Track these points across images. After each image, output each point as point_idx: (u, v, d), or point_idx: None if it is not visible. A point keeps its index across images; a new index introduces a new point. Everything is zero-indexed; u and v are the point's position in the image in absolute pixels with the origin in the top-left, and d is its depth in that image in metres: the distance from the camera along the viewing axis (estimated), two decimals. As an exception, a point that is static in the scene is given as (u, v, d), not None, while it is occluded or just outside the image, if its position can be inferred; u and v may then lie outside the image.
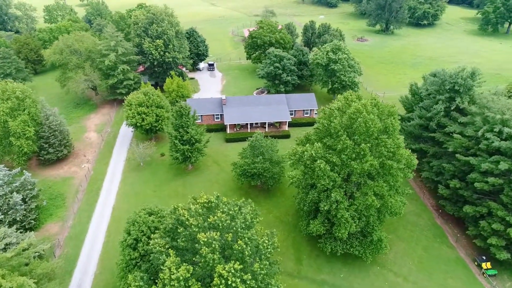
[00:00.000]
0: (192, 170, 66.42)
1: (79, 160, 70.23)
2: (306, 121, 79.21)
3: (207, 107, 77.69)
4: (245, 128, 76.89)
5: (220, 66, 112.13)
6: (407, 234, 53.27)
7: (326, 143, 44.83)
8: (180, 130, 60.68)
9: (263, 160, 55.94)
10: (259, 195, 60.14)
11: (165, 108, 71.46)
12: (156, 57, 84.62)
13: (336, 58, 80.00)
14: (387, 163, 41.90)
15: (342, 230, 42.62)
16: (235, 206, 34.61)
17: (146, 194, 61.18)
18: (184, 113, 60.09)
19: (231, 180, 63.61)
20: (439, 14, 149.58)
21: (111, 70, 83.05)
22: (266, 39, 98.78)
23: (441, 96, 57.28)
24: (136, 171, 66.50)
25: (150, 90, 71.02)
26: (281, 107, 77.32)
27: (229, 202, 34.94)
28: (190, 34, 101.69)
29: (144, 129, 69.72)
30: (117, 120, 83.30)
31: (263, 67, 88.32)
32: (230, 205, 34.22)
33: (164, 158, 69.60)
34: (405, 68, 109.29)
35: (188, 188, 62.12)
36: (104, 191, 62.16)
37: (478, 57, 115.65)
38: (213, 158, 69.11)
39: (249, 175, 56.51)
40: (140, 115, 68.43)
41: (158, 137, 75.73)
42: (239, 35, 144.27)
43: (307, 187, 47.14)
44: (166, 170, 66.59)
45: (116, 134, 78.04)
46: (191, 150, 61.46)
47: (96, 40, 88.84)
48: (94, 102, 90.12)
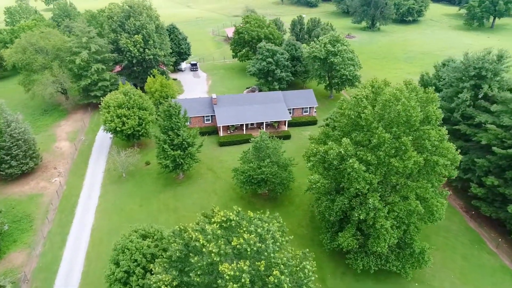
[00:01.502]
0: (183, 179, 57.43)
1: (49, 173, 59.80)
2: (305, 120, 71.80)
3: (195, 108, 68.92)
4: (240, 129, 68.63)
5: (204, 66, 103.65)
6: (440, 241, 46.26)
7: (354, 139, 37.28)
8: (169, 133, 51.78)
9: (270, 163, 47.84)
10: (265, 205, 51.86)
11: (149, 110, 62.29)
12: (135, 55, 75.29)
13: (336, 50, 73.26)
14: (432, 159, 34.71)
15: (382, 243, 34.95)
16: (262, 222, 26.27)
17: (132, 210, 51.74)
18: (173, 113, 51.28)
19: (230, 188, 55.12)
20: (423, 10, 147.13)
21: (83, 70, 73.05)
22: (254, 34, 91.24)
23: (465, 84, 51.09)
24: (117, 184, 56.88)
25: (130, 90, 61.73)
26: (278, 105, 69.60)
27: (255, 217, 26.59)
28: (170, 31, 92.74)
29: (125, 135, 60.26)
30: (92, 126, 73.18)
31: (254, 63, 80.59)
32: (256, 220, 25.86)
33: (150, 167, 60.29)
34: (399, 63, 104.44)
35: (180, 201, 53.14)
36: (80, 209, 52.24)
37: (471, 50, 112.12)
38: (206, 165, 60.38)
39: (255, 182, 48.23)
40: (120, 118, 58.99)
41: (141, 144, 66.30)
42: (220, 34, 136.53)
43: (332, 193, 39.30)
44: (153, 181, 57.31)
45: (92, 142, 68.01)
46: (183, 156, 52.61)
47: (65, 37, 78.47)
48: (65, 107, 79.48)
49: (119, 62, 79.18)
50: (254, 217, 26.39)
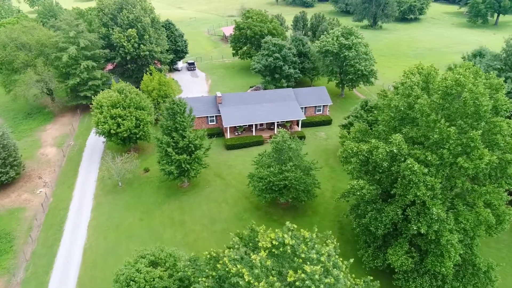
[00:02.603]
0: (188, 187, 50.33)
1: (33, 184, 52.11)
2: (319, 119, 65.30)
3: (198, 107, 61.72)
4: (248, 131, 61.82)
5: (201, 66, 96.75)
6: (493, 254, 39.90)
7: (406, 135, 30.87)
8: (173, 135, 44.75)
9: (294, 167, 41.10)
10: (285, 216, 45.04)
11: (147, 109, 55.16)
12: (129, 51, 68.14)
13: (350, 43, 67.19)
14: (506, 158, 28.39)
15: (447, 262, 28.41)
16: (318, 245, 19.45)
17: (131, 225, 44.41)
18: (178, 111, 44.31)
19: (243, 197, 48.21)
20: (425, 8, 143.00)
21: (71, 68, 65.60)
22: (257, 30, 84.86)
23: (508, 73, 45.29)
24: (113, 194, 49.49)
25: (126, 87, 54.57)
26: (290, 103, 63.05)
27: (310, 238, 19.74)
28: (166, 27, 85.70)
29: (120, 138, 52.98)
30: (82, 130, 65.59)
31: (259, 60, 74.02)
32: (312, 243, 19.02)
33: (149, 174, 53.06)
34: (408, 60, 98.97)
35: (187, 213, 46.00)
36: (70, 225, 44.72)
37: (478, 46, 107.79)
38: (213, 171, 53.38)
39: (276, 189, 41.38)
40: (114, 120, 51.74)
41: (139, 148, 59.00)
42: (216, 34, 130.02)
43: (377, 201, 32.67)
44: (154, 190, 50.07)
45: (82, 147, 60.44)
46: (190, 161, 45.58)
47: (51, 32, 70.90)
48: (51, 110, 71.69)
49: (111, 59, 71.91)
50: (309, 238, 19.55)
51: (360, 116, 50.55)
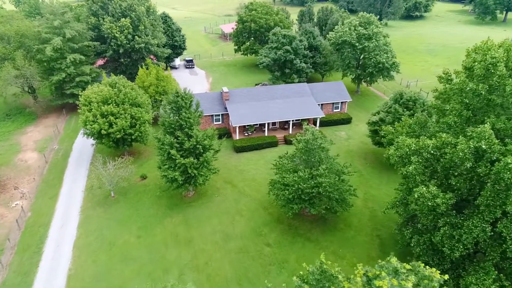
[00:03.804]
0: (194, 197, 42.55)
1: (7, 195, 43.84)
2: (338, 118, 58.06)
3: (201, 105, 53.76)
4: (259, 131, 54.35)
5: (201, 64, 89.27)
6: None
7: (492, 126, 23.62)
8: (178, 134, 37.07)
9: (327, 171, 33.63)
10: (313, 230, 37.49)
11: (144, 106, 47.41)
12: (121, 43, 60.39)
13: (370, 33, 60.33)
14: None
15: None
16: None
17: (126, 244, 36.42)
18: (183, 104, 36.68)
19: (260, 207, 40.57)
20: (430, 5, 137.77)
21: (55, 63, 57.64)
22: (262, 22, 77.77)
23: None
24: (104, 207, 41.47)
25: (119, 80, 46.80)
26: (306, 100, 55.77)
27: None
28: (162, 20, 78.13)
29: (112, 140, 45.13)
30: (69, 132, 57.47)
31: (267, 53, 66.83)
32: None
33: (147, 182, 45.19)
34: (422, 56, 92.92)
35: (194, 228, 38.15)
36: (51, 245, 36.59)
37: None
38: (223, 177, 45.72)
39: (307, 199, 33.82)
40: (105, 118, 43.90)
41: (134, 152, 51.13)
42: (213, 32, 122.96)
43: (451, 213, 25.16)
44: (153, 201, 42.16)
45: (68, 151, 52.34)
46: (197, 165, 37.86)
47: (34, 23, 62.92)
48: (33, 110, 63.33)
49: (101, 53, 64.03)
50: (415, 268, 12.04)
51: (395, 111, 43.37)
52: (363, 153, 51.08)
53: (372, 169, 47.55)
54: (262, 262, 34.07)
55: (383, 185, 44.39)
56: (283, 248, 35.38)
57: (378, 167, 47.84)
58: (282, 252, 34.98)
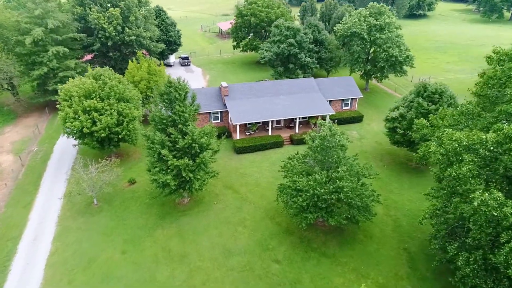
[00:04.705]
0: (189, 204, 37.04)
1: (-25, 203, 38.18)
2: (348, 116, 52.83)
3: (199, 101, 48.13)
4: (262, 130, 49.05)
5: (197, 61, 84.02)
6: None
7: None
8: (170, 131, 31.63)
9: (348, 173, 28.28)
10: (328, 243, 32.04)
11: (133, 102, 41.97)
12: (110, 34, 55.04)
13: (382, 23, 55.36)
14: None
15: None
16: None
17: (109, 261, 30.79)
18: (177, 96, 31.31)
19: (266, 217, 35.14)
20: (434, 3, 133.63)
21: (37, 56, 52.23)
22: (263, 16, 72.72)
23: None
24: (85, 216, 35.86)
25: (105, 72, 41.37)
26: (313, 96, 50.57)
27: None
28: (156, 14, 72.91)
29: (96, 139, 39.60)
30: (51, 132, 51.88)
31: (268, 48, 61.68)
32: None
33: (136, 188, 39.64)
34: (430, 53, 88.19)
35: (190, 241, 32.60)
36: (20, 263, 30.90)
37: (505, 39, 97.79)
38: (222, 181, 40.29)
39: (323, 207, 28.39)
40: (88, 115, 38.40)
41: (122, 153, 45.63)
42: (210, 31, 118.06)
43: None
44: (142, 209, 36.59)
45: (48, 153, 46.72)
46: (193, 168, 32.40)
47: (13, 13, 57.48)
48: (12, 108, 57.65)
49: (88, 46, 58.58)
50: None
51: (418, 105, 38.18)
52: (379, 154, 45.84)
53: (390, 171, 42.28)
54: (270, 283, 28.58)
55: (404, 190, 39.11)
56: (294, 265, 29.91)
57: (397, 169, 42.62)
58: (294, 270, 29.50)
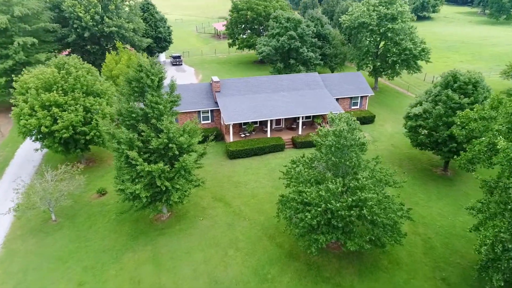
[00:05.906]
0: (169, 220, 29.99)
1: None
2: (358, 116, 45.66)
3: (185, 99, 41.71)
4: (260, 131, 42.26)
5: (189, 61, 77.65)
6: None
7: None
8: (140, 127, 24.73)
9: (370, 179, 21.39)
10: (344, 271, 24.96)
11: (106, 96, 35.18)
12: (87, 24, 48.55)
13: (395, 12, 49.06)
14: None
15: None
16: None
17: (60, 296, 23.68)
18: (149, 83, 24.56)
19: (264, 236, 28.11)
20: (438, 5, 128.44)
21: (0, 47, 45.63)
22: (260, 10, 66.57)
23: None
24: (38, 236, 28.77)
25: (70, 60, 34.65)
26: (319, 92, 43.93)
27: None
28: (144, 9, 66.66)
29: (59, 141, 32.70)
30: (15, 136, 44.84)
31: (267, 42, 55.30)
32: None
33: (106, 200, 32.61)
34: (442, 52, 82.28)
35: (166, 269, 25.48)
36: None
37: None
38: (211, 192, 33.33)
39: (340, 226, 21.40)
40: (47, 111, 31.59)
41: (94, 158, 38.69)
42: (206, 32, 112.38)
43: None
44: (110, 227, 29.52)
45: (8, 159, 39.75)
46: (171, 174, 25.44)
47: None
48: (-26, 109, 50.97)
49: (63, 38, 52.01)
50: None
51: (447, 98, 31.50)
52: (397, 159, 39.07)
53: (413, 179, 35.44)
54: (270, 326, 21.49)
55: (432, 202, 32.23)
56: (301, 302, 22.84)
57: (420, 177, 35.82)
58: (301, 309, 22.42)
